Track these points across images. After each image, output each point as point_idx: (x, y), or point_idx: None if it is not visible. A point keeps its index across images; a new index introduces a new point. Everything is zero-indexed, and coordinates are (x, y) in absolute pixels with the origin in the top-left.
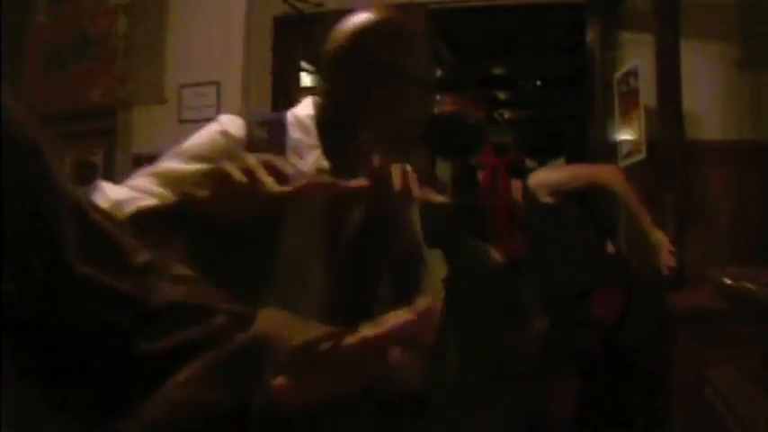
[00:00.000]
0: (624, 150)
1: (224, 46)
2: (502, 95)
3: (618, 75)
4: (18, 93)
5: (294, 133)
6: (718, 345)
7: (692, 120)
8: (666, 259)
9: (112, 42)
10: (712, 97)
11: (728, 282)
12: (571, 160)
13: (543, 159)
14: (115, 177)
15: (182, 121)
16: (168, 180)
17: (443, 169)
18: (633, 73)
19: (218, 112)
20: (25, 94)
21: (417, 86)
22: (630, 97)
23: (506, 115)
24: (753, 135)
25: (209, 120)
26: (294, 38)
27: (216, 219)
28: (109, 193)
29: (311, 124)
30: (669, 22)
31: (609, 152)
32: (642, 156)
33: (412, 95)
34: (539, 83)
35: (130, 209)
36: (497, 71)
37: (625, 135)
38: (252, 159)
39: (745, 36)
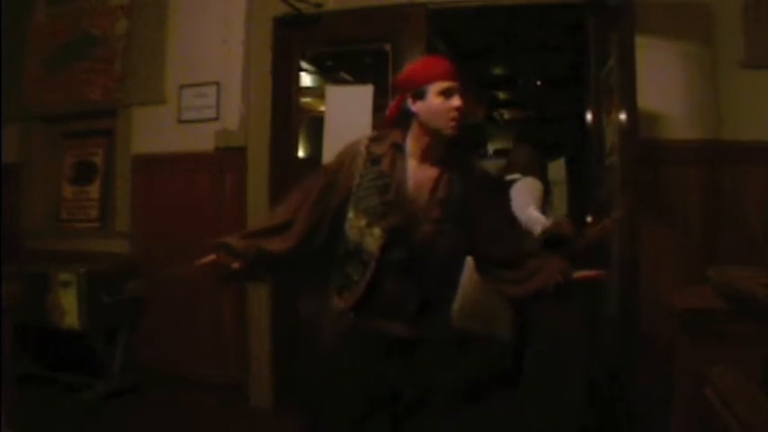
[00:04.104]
0: (608, 149)
1: (224, 46)
2: (502, 95)
3: (603, 74)
4: (18, 93)
5: None
6: (718, 345)
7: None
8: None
9: (112, 42)
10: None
11: (728, 282)
12: (571, 160)
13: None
14: (115, 177)
15: (181, 121)
16: None
17: None
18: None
19: (218, 112)
20: (25, 94)
21: None
22: (611, 96)
23: (506, 115)
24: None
25: (208, 120)
26: (294, 38)
27: None
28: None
29: None
30: (625, 19)
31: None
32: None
33: None
34: (539, 83)
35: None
36: (497, 71)
37: (610, 133)
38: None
39: (714, 37)
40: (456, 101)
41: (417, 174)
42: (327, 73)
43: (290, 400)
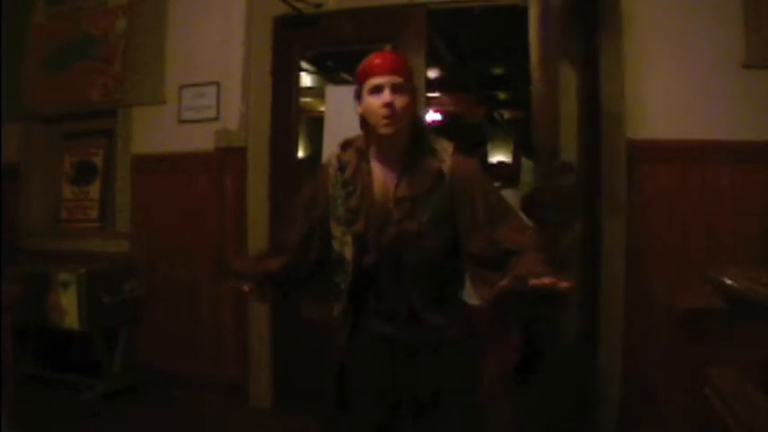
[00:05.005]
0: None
1: (224, 46)
2: (502, 95)
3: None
4: (18, 93)
5: None
6: (718, 345)
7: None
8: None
9: (112, 42)
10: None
11: (728, 282)
12: None
13: None
14: (115, 177)
15: (181, 122)
16: None
17: None
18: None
19: (218, 112)
20: (25, 94)
21: None
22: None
23: (506, 115)
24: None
25: (208, 120)
26: (294, 38)
27: None
28: None
29: None
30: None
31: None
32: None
33: None
34: None
35: None
36: (497, 71)
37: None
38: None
39: (714, 37)
40: (384, 97)
41: (381, 176)
42: (327, 73)
43: (290, 401)
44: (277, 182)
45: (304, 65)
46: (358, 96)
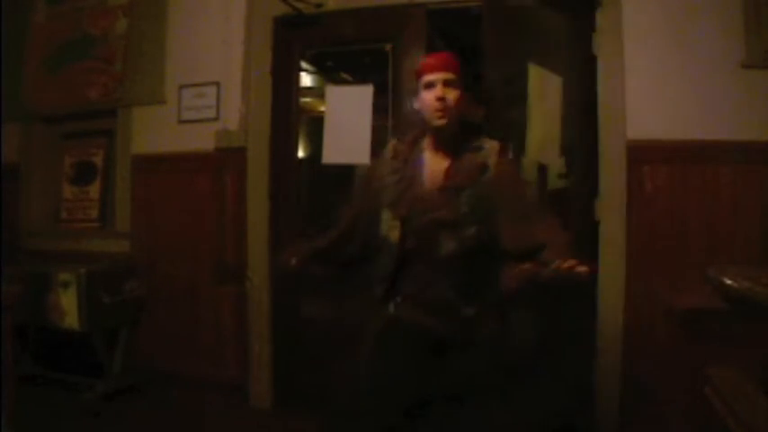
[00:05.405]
0: None
1: (224, 46)
2: None
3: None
4: (18, 93)
5: None
6: (718, 345)
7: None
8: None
9: (112, 42)
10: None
11: (728, 282)
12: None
13: None
14: (115, 177)
15: (181, 122)
16: None
17: None
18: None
19: (218, 112)
20: (25, 94)
21: None
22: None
23: None
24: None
25: (208, 120)
26: (294, 38)
27: None
28: None
29: None
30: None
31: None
32: None
33: None
34: None
35: None
36: None
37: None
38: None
39: (714, 37)
40: (436, 91)
41: (430, 166)
42: (327, 73)
43: (290, 400)
44: (277, 182)
45: (304, 65)
46: (415, 92)
